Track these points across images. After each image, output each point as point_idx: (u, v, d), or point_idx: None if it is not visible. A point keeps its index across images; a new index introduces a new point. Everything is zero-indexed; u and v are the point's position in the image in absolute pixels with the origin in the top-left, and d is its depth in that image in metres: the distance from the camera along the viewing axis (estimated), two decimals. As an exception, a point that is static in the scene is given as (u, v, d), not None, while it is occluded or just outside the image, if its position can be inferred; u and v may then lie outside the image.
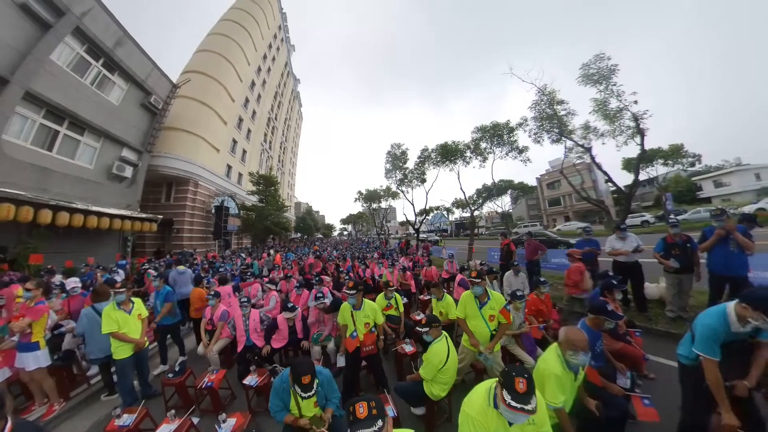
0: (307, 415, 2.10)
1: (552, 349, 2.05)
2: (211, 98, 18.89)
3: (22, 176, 7.85)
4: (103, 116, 10.55)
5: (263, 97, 29.07)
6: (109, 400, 3.62)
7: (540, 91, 9.03)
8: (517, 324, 3.38)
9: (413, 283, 6.69)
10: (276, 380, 2.16)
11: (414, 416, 2.76)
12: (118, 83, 11.43)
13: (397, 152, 18.77)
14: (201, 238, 17.99)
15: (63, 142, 9.45)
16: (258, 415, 2.87)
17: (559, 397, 1.83)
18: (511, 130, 11.77)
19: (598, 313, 2.41)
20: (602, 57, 7.65)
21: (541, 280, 3.99)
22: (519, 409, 1.35)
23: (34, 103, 8.46)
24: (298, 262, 10.18)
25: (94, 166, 10.67)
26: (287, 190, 41.40)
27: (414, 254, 12.18)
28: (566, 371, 1.90)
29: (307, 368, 1.90)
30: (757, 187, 26.67)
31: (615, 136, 7.97)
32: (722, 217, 3.66)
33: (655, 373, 3.01)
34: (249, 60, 24.34)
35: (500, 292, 4.01)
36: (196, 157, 17.26)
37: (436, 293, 4.00)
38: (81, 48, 9.76)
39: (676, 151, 10.96)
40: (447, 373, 2.45)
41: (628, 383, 2.45)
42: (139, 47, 12.03)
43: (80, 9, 9.23)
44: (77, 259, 8.89)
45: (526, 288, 4.99)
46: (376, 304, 4.41)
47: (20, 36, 7.88)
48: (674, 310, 4.26)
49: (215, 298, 4.27)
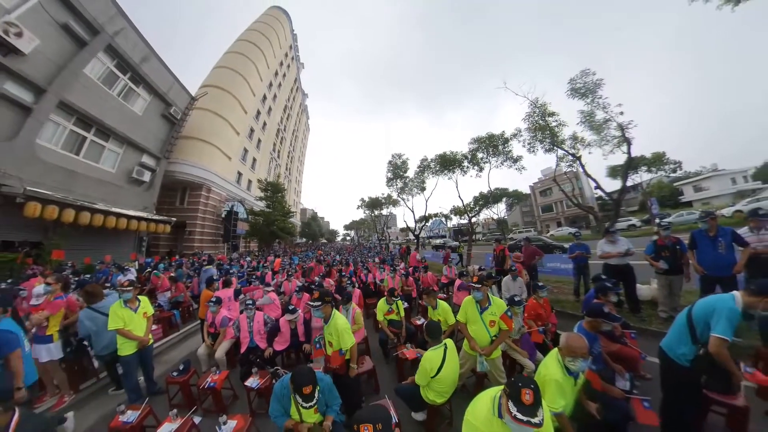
0: (308, 421, 2.02)
1: (552, 355, 1.99)
2: (225, 110, 19.50)
3: (51, 177, 8.09)
4: (127, 125, 10.94)
5: (273, 110, 29.88)
6: (116, 394, 3.58)
7: (532, 104, 9.33)
8: (517, 329, 3.30)
9: (415, 287, 6.59)
10: (276, 385, 2.07)
11: (415, 422, 2.65)
12: (142, 95, 11.90)
13: (397, 162, 19.07)
14: (211, 240, 18.13)
15: (89, 147, 9.77)
16: (259, 417, 2.79)
17: (559, 402, 1.77)
18: (505, 140, 12.01)
19: (595, 315, 2.31)
20: (587, 72, 7.91)
21: (539, 285, 3.93)
22: (525, 422, 1.27)
23: (67, 111, 8.83)
24: (302, 266, 10.19)
25: (116, 170, 10.96)
26: (293, 196, 41.77)
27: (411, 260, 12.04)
28: (566, 376, 1.86)
29: (308, 379, 1.80)
30: (734, 191, 27.51)
31: (602, 145, 8.18)
32: (707, 218, 3.70)
33: (651, 373, 2.94)
34: (261, 76, 25.24)
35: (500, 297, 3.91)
36: (210, 164, 17.64)
37: (430, 301, 3.81)
38: (111, 63, 10.27)
39: (659, 158, 11.25)
40: (442, 382, 2.33)
41: (627, 385, 2.36)
42: (163, 63, 12.60)
43: (113, 28, 9.79)
44: (95, 256, 9.05)
45: (524, 293, 4.85)
46: (378, 308, 4.27)
47: (59, 51, 8.33)
48: (666, 311, 4.25)
49: (216, 305, 4.13)
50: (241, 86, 21.51)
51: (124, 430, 2.40)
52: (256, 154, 25.60)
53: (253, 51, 24.28)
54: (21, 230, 7.64)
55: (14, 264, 6.81)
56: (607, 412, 1.94)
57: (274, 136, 30.73)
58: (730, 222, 6.45)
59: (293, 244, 29.79)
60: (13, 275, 6.17)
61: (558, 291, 6.37)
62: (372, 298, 6.37)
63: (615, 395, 2.17)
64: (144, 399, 2.87)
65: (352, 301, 4.05)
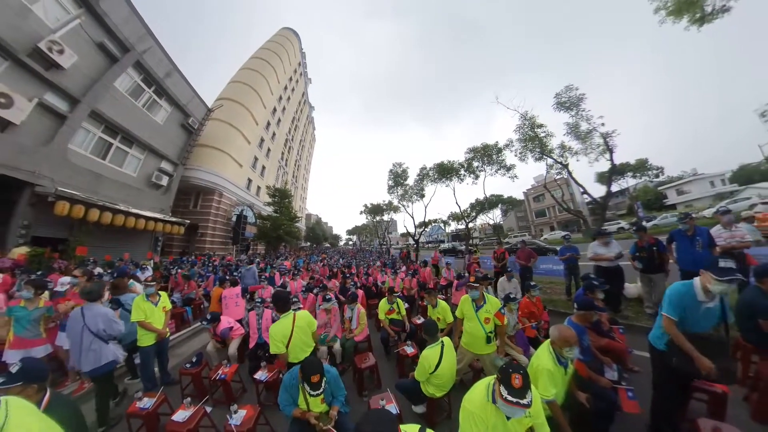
0: (315, 410, 2.05)
1: (544, 346, 2.03)
2: (238, 121, 20.10)
3: (79, 179, 8.42)
4: (149, 133, 11.38)
5: (282, 121, 30.68)
6: (132, 383, 3.66)
7: (522, 117, 9.71)
8: (512, 325, 3.37)
9: (417, 288, 6.60)
10: (286, 376, 2.10)
11: (415, 414, 2.71)
12: (164, 106, 12.40)
13: (398, 170, 19.37)
14: (221, 242, 18.35)
15: (115, 153, 10.16)
16: (266, 408, 2.82)
17: (550, 390, 1.83)
18: (499, 150, 12.34)
19: (587, 308, 2.46)
20: (571, 87, 8.25)
21: (532, 284, 4.00)
22: (515, 403, 1.34)
23: (97, 120, 9.26)
24: (307, 268, 10.24)
25: (137, 174, 11.33)
26: (299, 202, 42.17)
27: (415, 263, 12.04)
28: (557, 366, 1.92)
29: (317, 368, 1.87)
30: (713, 193, 28.06)
31: (587, 154, 8.46)
32: (686, 219, 3.79)
33: (639, 365, 3.00)
34: (272, 90, 26.11)
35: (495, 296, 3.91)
36: (222, 170, 18.05)
37: (430, 300, 3.85)
38: (138, 77, 10.80)
39: (642, 164, 11.56)
40: (440, 378, 2.40)
41: (615, 375, 2.43)
42: (184, 78, 13.21)
43: (142, 47, 10.37)
44: (114, 254, 9.31)
45: (519, 292, 4.89)
46: (379, 308, 4.26)
47: (93, 66, 8.84)
48: (651, 306, 4.29)
49: (210, 323, 3.84)
50: (254, 99, 22.26)
51: (141, 416, 2.47)
52: (265, 162, 26.16)
53: (266, 68, 25.24)
54: (50, 227, 7.89)
55: (43, 258, 7.07)
56: (595, 401, 1.99)
57: (282, 146, 31.42)
58: (711, 222, 6.59)
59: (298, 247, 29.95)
60: (41, 268, 6.43)
61: (551, 291, 6.43)
62: (374, 299, 6.42)
63: (602, 384, 2.24)
64: (159, 388, 2.94)
65: (357, 302, 4.11)
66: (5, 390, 1.43)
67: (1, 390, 1.42)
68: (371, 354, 3.48)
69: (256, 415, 2.31)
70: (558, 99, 8.47)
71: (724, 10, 5.44)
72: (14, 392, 1.44)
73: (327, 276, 8.31)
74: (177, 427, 2.22)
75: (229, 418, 2.21)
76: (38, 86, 7.43)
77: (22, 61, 6.94)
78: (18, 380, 1.46)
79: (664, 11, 5.86)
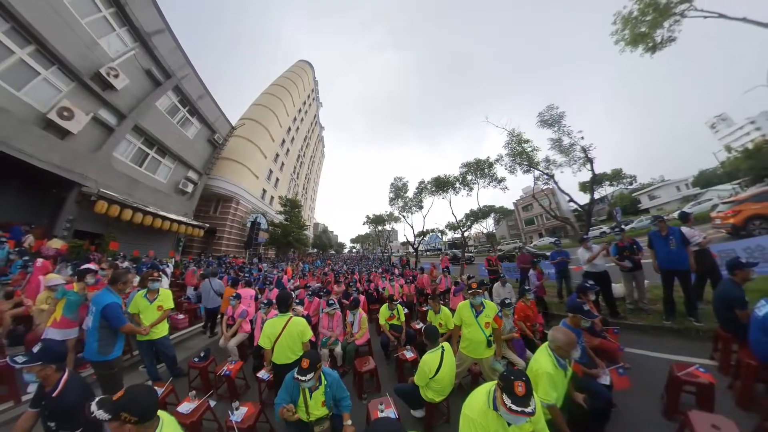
0: (315, 413, 1.90)
1: (543, 349, 1.88)
2: (257, 138, 21.13)
3: (118, 182, 8.93)
4: (180, 146, 12.10)
5: (295, 139, 32.00)
6: (145, 371, 3.56)
7: (510, 134, 10.22)
8: (508, 329, 3.29)
9: (415, 294, 6.50)
10: (288, 375, 1.97)
11: (414, 418, 2.58)
12: (195, 123, 13.24)
13: (399, 184, 19.73)
14: (236, 246, 18.56)
15: (150, 162, 10.78)
16: (267, 407, 2.69)
17: (551, 394, 1.69)
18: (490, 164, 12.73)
19: (576, 312, 2.37)
20: (552, 107, 8.72)
21: (526, 288, 3.96)
22: (519, 411, 1.23)
23: (138, 133, 9.97)
24: (313, 273, 10.31)
25: (167, 181, 11.88)
26: (308, 212, 42.64)
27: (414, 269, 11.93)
28: (557, 369, 1.77)
29: (309, 355, 1.83)
30: (680, 197, 29.60)
31: (570, 165, 8.83)
32: (656, 221, 3.92)
33: (630, 362, 2.95)
34: (288, 113, 27.62)
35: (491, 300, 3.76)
36: (241, 181, 18.70)
37: (434, 306, 3.79)
38: (176, 99, 11.70)
39: (618, 174, 11.83)
40: (440, 382, 2.26)
41: (608, 380, 2.25)
42: (214, 100, 14.17)
43: (181, 74, 11.36)
44: (141, 250, 9.57)
45: (513, 296, 4.76)
46: (380, 314, 4.12)
47: (140, 88, 9.70)
48: (632, 303, 4.34)
49: (236, 299, 4.12)
50: (272, 120, 23.54)
51: None
52: (279, 174, 26.99)
53: (283, 94, 26.92)
54: (90, 222, 8.26)
55: (81, 249, 7.36)
56: (592, 401, 1.91)
57: (294, 161, 32.50)
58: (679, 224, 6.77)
59: (306, 253, 29.97)
60: (79, 258, 6.71)
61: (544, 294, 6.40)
62: (375, 304, 6.21)
63: (594, 376, 2.19)
64: (168, 379, 2.91)
65: (359, 307, 4.09)
66: (29, 368, 1.44)
67: (24, 368, 1.43)
68: (371, 358, 3.39)
69: (256, 413, 2.23)
70: (541, 117, 8.96)
71: (671, 39, 6.08)
72: (35, 370, 1.45)
73: (333, 280, 8.26)
74: (181, 419, 2.15)
75: (230, 413, 2.14)
76: (95, 103, 8.16)
77: (85, 83, 7.70)
78: (39, 359, 1.46)
79: (623, 42, 6.53)
